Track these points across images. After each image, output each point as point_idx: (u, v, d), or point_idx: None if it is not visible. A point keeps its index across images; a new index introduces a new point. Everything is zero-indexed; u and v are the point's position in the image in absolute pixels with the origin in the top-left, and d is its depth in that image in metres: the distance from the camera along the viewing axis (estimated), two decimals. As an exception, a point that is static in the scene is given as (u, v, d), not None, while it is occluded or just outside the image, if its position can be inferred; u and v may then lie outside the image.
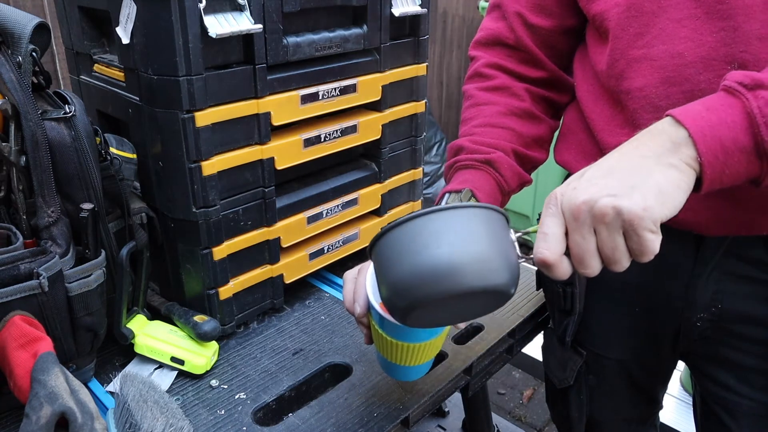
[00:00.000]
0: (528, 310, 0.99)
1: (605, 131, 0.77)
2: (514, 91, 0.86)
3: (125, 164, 0.80)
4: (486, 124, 0.84)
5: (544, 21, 0.84)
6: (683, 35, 0.67)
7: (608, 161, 0.57)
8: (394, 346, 0.69)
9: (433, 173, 3.09)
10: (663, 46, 0.69)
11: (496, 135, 0.83)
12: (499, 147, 0.81)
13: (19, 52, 0.70)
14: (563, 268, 0.56)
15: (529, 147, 0.86)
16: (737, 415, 0.80)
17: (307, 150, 0.90)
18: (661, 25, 0.69)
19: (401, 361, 0.72)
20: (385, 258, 0.58)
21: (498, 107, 0.85)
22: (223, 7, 0.75)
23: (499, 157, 0.80)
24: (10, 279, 0.67)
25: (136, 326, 0.84)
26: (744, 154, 0.54)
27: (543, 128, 0.87)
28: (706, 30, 0.66)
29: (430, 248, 0.55)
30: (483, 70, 0.88)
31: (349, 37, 0.90)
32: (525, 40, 0.85)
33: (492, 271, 0.55)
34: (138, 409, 0.67)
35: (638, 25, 0.70)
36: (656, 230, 0.52)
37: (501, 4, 0.87)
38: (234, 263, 0.87)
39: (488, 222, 0.57)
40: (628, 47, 0.72)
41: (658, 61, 0.69)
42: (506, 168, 0.80)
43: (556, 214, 0.56)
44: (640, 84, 0.71)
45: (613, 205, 0.52)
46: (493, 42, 0.88)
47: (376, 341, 0.72)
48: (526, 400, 2.13)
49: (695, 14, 0.67)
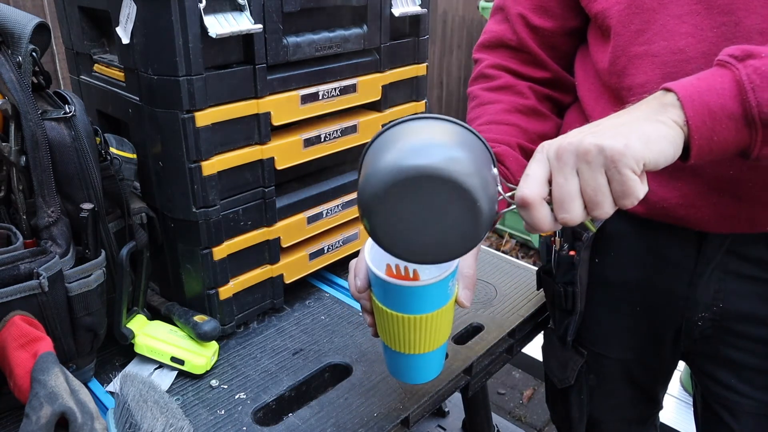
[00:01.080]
0: (528, 310, 0.99)
1: None
2: (519, 89, 0.87)
3: (125, 164, 0.80)
4: (491, 121, 0.85)
5: (547, 22, 0.84)
6: (684, 31, 0.67)
7: (599, 121, 0.57)
8: (396, 324, 0.67)
9: (433, 173, 3.09)
10: (664, 42, 0.69)
11: (501, 131, 0.83)
12: (503, 141, 0.82)
13: (19, 52, 0.70)
14: (542, 211, 0.55)
15: (535, 143, 0.84)
16: (738, 414, 0.80)
17: (307, 150, 0.90)
18: (662, 22, 0.69)
19: (406, 347, 0.69)
20: (371, 156, 0.58)
21: (502, 105, 0.86)
22: (223, 7, 0.75)
23: (504, 151, 0.81)
24: (10, 279, 0.67)
25: (136, 326, 0.84)
26: (732, 120, 0.54)
27: (548, 125, 0.88)
28: (707, 25, 0.66)
29: (410, 138, 0.55)
30: (487, 71, 0.89)
31: (349, 37, 0.90)
32: (527, 41, 0.85)
33: (464, 172, 0.53)
34: (138, 409, 0.67)
35: (639, 22, 0.71)
36: (639, 171, 0.52)
37: (504, 6, 0.87)
38: (234, 263, 0.87)
39: (471, 142, 0.57)
40: (630, 44, 0.72)
41: (660, 57, 0.69)
42: (512, 161, 0.81)
43: (541, 160, 0.56)
44: (641, 80, 0.71)
45: (596, 143, 0.52)
46: (496, 44, 0.89)
47: (380, 327, 0.71)
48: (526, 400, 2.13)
49: (696, 10, 0.67)
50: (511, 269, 1.11)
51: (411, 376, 0.74)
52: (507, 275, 1.09)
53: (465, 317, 0.96)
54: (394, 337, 0.69)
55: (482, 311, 0.98)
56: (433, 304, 0.66)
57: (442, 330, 0.70)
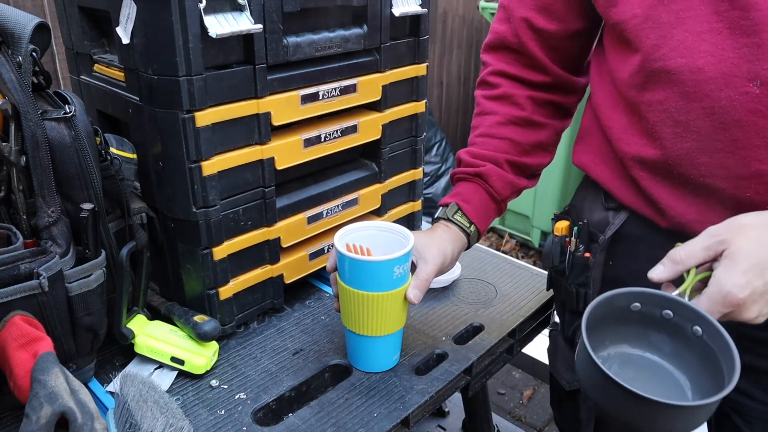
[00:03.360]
0: (528, 310, 0.99)
1: (622, 140, 0.77)
2: (515, 100, 0.89)
3: (125, 164, 0.80)
4: (485, 134, 0.91)
5: (551, 24, 0.84)
6: (703, 49, 0.66)
7: (760, 251, 0.59)
8: (348, 298, 0.78)
9: (433, 173, 3.09)
10: (681, 60, 0.67)
11: (492, 146, 0.89)
12: (491, 159, 0.89)
13: (19, 52, 0.70)
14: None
15: (528, 153, 0.90)
16: (751, 419, 0.80)
17: (307, 150, 0.90)
18: (680, 37, 0.67)
19: (357, 326, 0.80)
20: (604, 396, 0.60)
21: (497, 117, 0.90)
22: (223, 7, 0.75)
23: (489, 170, 0.88)
24: (10, 279, 0.67)
25: (136, 326, 0.84)
26: None
27: (544, 134, 0.91)
28: (728, 45, 0.64)
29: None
30: (488, 78, 0.92)
31: (349, 37, 0.90)
32: (528, 44, 0.86)
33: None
34: (138, 409, 0.67)
35: (656, 36, 0.69)
36: None
37: (507, 7, 0.88)
38: (234, 263, 0.87)
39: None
40: (647, 58, 0.70)
41: (677, 74, 0.68)
42: (496, 179, 0.88)
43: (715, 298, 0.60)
44: (660, 97, 0.70)
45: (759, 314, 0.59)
46: (498, 46, 0.91)
47: (342, 306, 0.81)
48: (526, 400, 2.13)
49: (716, 28, 0.65)
50: (511, 269, 1.11)
51: (363, 361, 0.84)
52: (507, 275, 1.09)
53: (465, 317, 0.96)
54: (347, 313, 0.80)
55: (482, 311, 0.98)
56: (379, 284, 0.76)
57: (389, 315, 0.79)
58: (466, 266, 1.11)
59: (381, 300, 0.77)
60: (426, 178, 3.08)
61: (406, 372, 0.84)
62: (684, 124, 0.69)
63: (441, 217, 0.89)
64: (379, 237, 0.84)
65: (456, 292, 1.03)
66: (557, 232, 0.89)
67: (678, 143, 0.70)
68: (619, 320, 0.66)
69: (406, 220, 1.13)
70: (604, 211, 0.85)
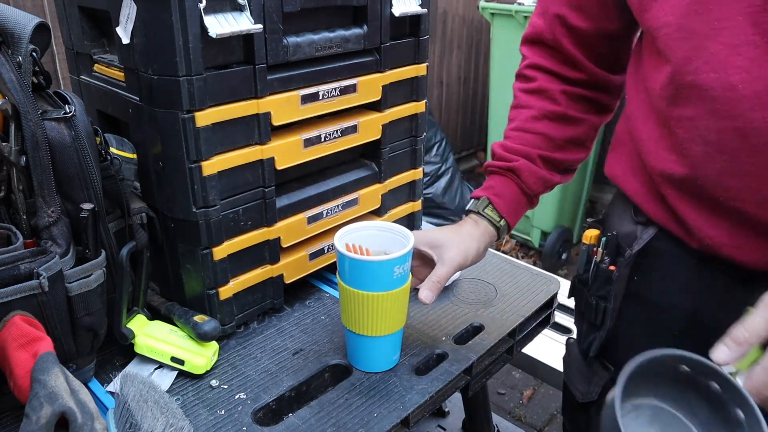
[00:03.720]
0: (528, 310, 0.99)
1: (651, 154, 0.74)
2: (551, 94, 0.88)
3: (125, 164, 0.80)
4: (519, 128, 0.90)
5: (584, 22, 0.83)
6: (738, 64, 0.60)
7: None
8: (354, 301, 0.78)
9: (433, 173, 3.09)
10: (714, 75, 0.62)
11: (526, 141, 0.88)
12: (523, 153, 0.87)
13: (19, 52, 0.70)
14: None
15: (562, 149, 0.89)
16: None
17: (307, 150, 0.90)
18: (713, 50, 0.62)
19: (364, 329, 0.80)
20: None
21: (532, 111, 0.89)
22: (223, 7, 0.75)
23: (521, 165, 0.87)
24: (10, 279, 0.67)
25: (136, 326, 0.84)
26: None
27: (580, 129, 0.90)
28: (766, 61, 0.59)
29: None
30: (525, 71, 0.92)
31: (349, 37, 0.90)
32: (562, 41, 0.85)
33: None
34: (138, 409, 0.67)
35: (688, 48, 0.64)
36: None
37: (543, 1, 0.88)
38: (234, 263, 0.87)
39: None
40: (677, 71, 0.66)
41: (709, 90, 0.63)
42: (528, 175, 0.87)
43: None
44: (690, 114, 0.66)
45: None
46: (535, 39, 0.90)
47: (342, 306, 0.81)
48: (526, 400, 2.13)
49: (754, 41, 0.59)
50: (511, 269, 1.11)
51: (363, 361, 0.84)
52: (507, 275, 1.09)
53: (465, 317, 0.96)
54: (347, 313, 0.81)
55: (482, 311, 0.98)
56: (379, 284, 0.76)
57: (389, 315, 0.79)
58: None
59: (381, 300, 0.77)
60: (426, 178, 3.08)
61: (406, 372, 0.84)
62: (714, 144, 0.65)
63: (471, 210, 0.89)
64: (379, 237, 0.84)
65: (456, 292, 1.03)
66: (585, 240, 0.87)
67: (707, 163, 0.67)
68: (663, 375, 0.63)
69: (406, 220, 1.13)
70: (633, 224, 0.82)
